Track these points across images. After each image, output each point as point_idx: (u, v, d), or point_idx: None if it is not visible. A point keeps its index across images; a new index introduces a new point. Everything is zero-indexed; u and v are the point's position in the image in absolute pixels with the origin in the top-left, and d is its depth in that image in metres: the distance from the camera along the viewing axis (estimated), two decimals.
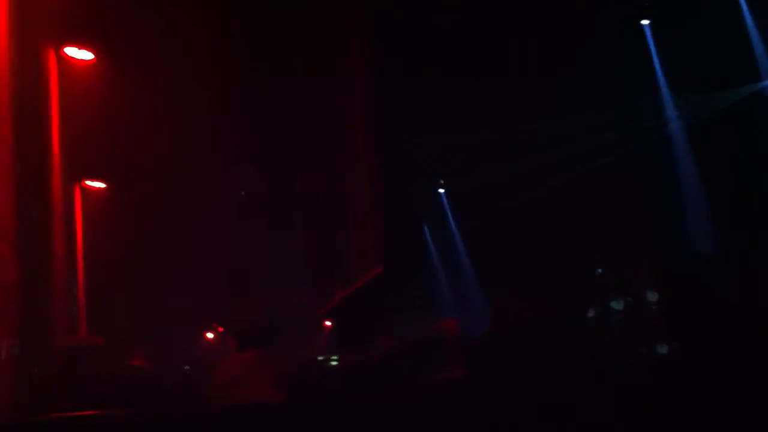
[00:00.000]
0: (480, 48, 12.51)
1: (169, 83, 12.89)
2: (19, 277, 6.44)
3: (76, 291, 11.74)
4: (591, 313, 15.84)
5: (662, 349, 12.72)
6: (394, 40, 12.21)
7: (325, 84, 15.14)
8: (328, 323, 21.33)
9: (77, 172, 12.69)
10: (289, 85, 16.54)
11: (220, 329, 24.01)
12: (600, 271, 15.44)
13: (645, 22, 13.19)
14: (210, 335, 25.64)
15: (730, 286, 3.65)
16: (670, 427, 2.87)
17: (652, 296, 13.99)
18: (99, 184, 13.51)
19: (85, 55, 10.06)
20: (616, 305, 15.41)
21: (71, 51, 9.98)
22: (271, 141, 17.31)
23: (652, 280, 13.91)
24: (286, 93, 16.72)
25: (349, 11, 12.86)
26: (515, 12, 11.91)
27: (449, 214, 17.10)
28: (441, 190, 17.19)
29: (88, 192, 13.29)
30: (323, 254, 16.39)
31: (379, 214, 11.07)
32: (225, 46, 13.22)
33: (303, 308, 17.12)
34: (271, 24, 13.61)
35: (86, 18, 10.03)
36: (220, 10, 12.43)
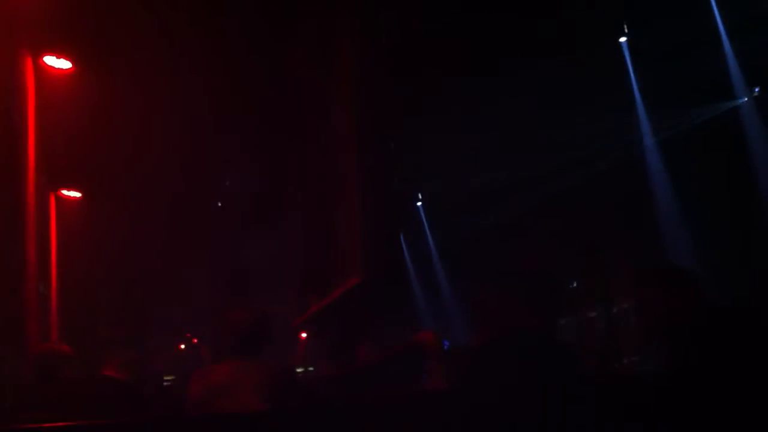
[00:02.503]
0: (458, 63, 12.58)
1: (147, 92, 12.85)
2: None
3: (49, 299, 11.65)
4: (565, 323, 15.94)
5: (645, 358, 12.79)
6: (380, 48, 12.24)
7: (305, 97, 15.16)
8: (303, 334, 21.28)
9: (53, 181, 12.61)
10: (275, 93, 16.52)
11: (194, 340, 23.91)
12: (575, 284, 15.52)
13: (622, 39, 13.37)
14: (182, 346, 25.54)
15: (709, 294, 3.70)
16: None
17: (630, 306, 14.09)
18: (75, 193, 13.42)
19: (64, 64, 10.00)
20: (594, 315, 15.54)
21: (50, 60, 9.92)
22: (254, 150, 17.29)
23: (630, 290, 14.05)
24: (271, 101, 16.70)
25: (339, 17, 12.87)
26: (492, 28, 11.99)
27: (425, 225, 17.17)
28: (418, 202, 17.25)
29: (63, 201, 13.20)
30: (300, 264, 16.36)
31: (357, 225, 11.05)
32: (204, 56, 13.20)
33: (283, 317, 17.07)
34: (254, 29, 13.60)
35: (65, 28, 10.00)
36: (199, 20, 12.42)
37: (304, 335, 21.47)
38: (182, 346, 26.32)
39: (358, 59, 11.12)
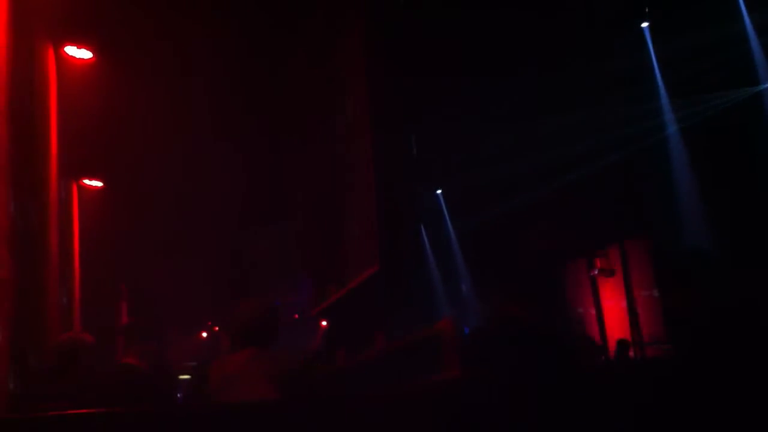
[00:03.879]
0: (477, 50, 12.51)
1: (168, 82, 12.91)
2: (13, 275, 6.43)
3: (71, 289, 11.73)
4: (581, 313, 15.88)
5: (660, 349, 12.75)
6: (393, 41, 12.22)
7: (323, 85, 15.15)
8: (324, 322, 21.35)
9: (75, 170, 12.69)
10: (288, 85, 16.55)
11: (215, 328, 24.07)
12: (596, 271, 15.46)
13: (644, 24, 13.23)
14: (204, 334, 25.69)
15: (729, 286, 3.65)
16: (666, 427, 2.87)
17: (649, 296, 14.01)
18: (96, 183, 13.50)
19: (84, 53, 10.05)
20: (612, 305, 15.46)
21: (70, 50, 9.98)
22: (270, 141, 17.34)
23: (650, 280, 13.97)
24: (286, 93, 16.73)
25: (349, 11, 12.86)
26: (513, 14, 11.92)
27: (445, 214, 17.14)
28: (438, 191, 17.23)
29: (85, 190, 13.29)
30: (320, 253, 16.41)
31: (376, 213, 11.07)
32: (224, 46, 13.23)
33: (300, 306, 17.14)
34: (271, 24, 13.62)
35: (86, 17, 10.03)
36: (219, 10, 12.45)
37: (324, 323, 21.56)
38: (204, 335, 26.53)
39: (371, 47, 11.13)
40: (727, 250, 10.58)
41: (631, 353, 12.59)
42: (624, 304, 14.98)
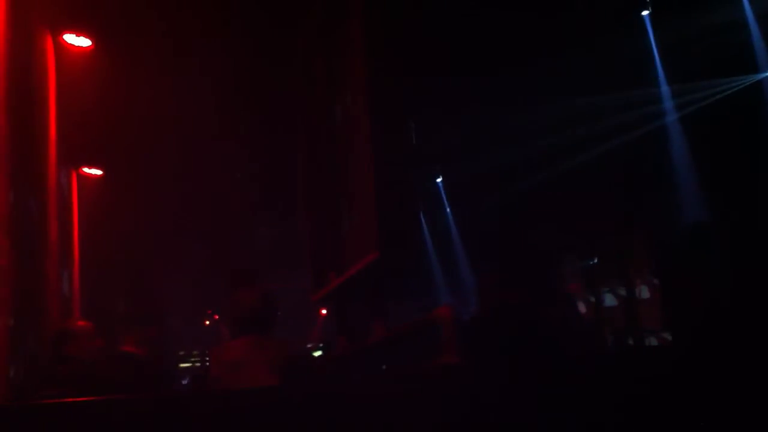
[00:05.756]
0: (478, 36, 12.47)
1: (169, 70, 12.89)
2: (12, 263, 6.44)
3: (70, 277, 11.76)
4: (582, 303, 15.90)
5: (656, 339, 12.78)
6: (393, 30, 12.18)
7: (323, 73, 15.12)
8: (323, 311, 21.39)
9: (74, 158, 12.71)
10: (289, 72, 16.51)
11: (216, 317, 24.17)
12: (595, 260, 15.47)
13: (645, 12, 13.20)
14: (207, 322, 25.80)
15: (729, 275, 3.66)
16: (663, 416, 2.88)
17: (648, 286, 14.02)
18: (96, 171, 13.53)
19: (83, 41, 10.05)
20: (610, 294, 15.47)
21: (69, 37, 9.97)
22: (270, 128, 17.30)
23: (649, 270, 13.98)
24: (286, 81, 16.69)
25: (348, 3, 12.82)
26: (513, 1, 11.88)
27: (445, 201, 17.15)
28: (438, 178, 17.22)
29: (85, 178, 13.31)
30: (319, 240, 16.41)
31: (375, 200, 11.06)
32: (225, 35, 13.19)
33: (300, 294, 17.18)
34: (270, 14, 13.57)
35: (85, 5, 10.01)
36: (220, 1, 12.42)
37: (324, 312, 21.57)
38: (207, 323, 26.66)
39: (371, 36, 11.10)
40: (727, 239, 10.57)
41: (630, 342, 12.62)
42: (623, 292, 15.00)
